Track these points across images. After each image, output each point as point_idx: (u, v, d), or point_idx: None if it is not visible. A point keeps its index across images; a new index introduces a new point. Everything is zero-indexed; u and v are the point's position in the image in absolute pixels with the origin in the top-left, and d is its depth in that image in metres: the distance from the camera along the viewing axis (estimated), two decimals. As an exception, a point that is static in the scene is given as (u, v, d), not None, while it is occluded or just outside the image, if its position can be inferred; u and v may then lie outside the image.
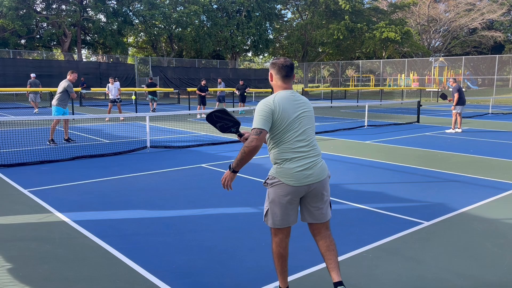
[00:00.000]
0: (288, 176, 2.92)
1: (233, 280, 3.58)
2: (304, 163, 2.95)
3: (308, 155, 2.98)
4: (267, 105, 2.92)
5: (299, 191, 2.97)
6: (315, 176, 2.98)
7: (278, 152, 2.96)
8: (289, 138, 2.94)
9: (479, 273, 3.73)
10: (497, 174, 7.51)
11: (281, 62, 3.04)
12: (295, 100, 3.00)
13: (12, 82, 28.93)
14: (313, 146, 3.03)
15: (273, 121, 2.91)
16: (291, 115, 2.94)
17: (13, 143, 10.50)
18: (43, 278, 3.60)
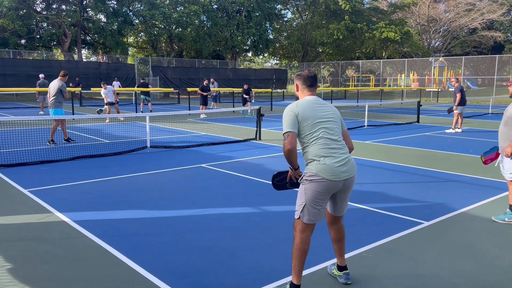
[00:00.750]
0: (329, 171, 3.12)
1: (233, 280, 3.58)
2: (340, 159, 3.18)
3: (340, 152, 3.21)
4: (291, 110, 3.21)
5: (336, 186, 3.19)
6: (349, 172, 3.23)
7: (314, 150, 3.17)
8: (321, 136, 3.17)
9: (479, 273, 3.73)
10: (497, 174, 7.51)
11: (306, 74, 3.38)
12: (319, 104, 3.28)
13: (12, 82, 28.94)
14: (343, 145, 3.28)
15: (299, 123, 3.17)
16: (318, 116, 3.21)
17: (13, 143, 10.50)
18: (43, 278, 3.60)
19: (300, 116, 3.16)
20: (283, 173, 3.41)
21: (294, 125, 3.14)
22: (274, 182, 3.45)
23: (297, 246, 3.21)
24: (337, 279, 3.54)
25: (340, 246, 3.51)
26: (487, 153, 5.34)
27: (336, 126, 3.27)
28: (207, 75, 37.93)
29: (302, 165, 3.22)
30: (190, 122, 16.63)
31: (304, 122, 3.16)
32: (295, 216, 3.26)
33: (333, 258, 3.97)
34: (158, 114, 14.39)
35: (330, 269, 3.65)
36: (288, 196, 6.07)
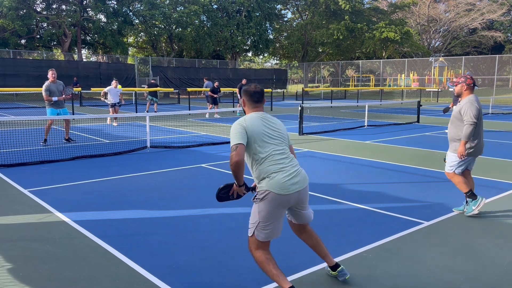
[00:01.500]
0: (280, 186, 3.07)
1: (233, 280, 3.58)
2: (290, 173, 3.14)
3: (290, 165, 3.18)
4: (239, 124, 3.18)
5: (289, 200, 3.13)
6: (300, 184, 3.17)
7: (264, 167, 3.13)
8: (269, 153, 3.14)
9: (479, 273, 3.73)
10: (497, 174, 7.51)
11: (252, 89, 3.32)
12: (266, 120, 3.26)
13: (12, 82, 28.94)
14: (292, 158, 3.26)
15: (248, 138, 3.12)
16: (265, 131, 3.19)
17: (13, 143, 10.50)
18: (43, 278, 3.60)
19: (249, 131, 3.14)
20: (229, 186, 3.30)
21: (243, 137, 3.10)
22: (218, 195, 3.32)
23: (261, 262, 3.18)
24: (337, 278, 3.55)
25: (320, 249, 3.49)
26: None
27: (283, 141, 3.27)
28: (207, 75, 37.92)
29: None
30: (190, 122, 16.63)
31: (252, 138, 3.13)
32: (249, 234, 3.21)
33: (333, 257, 3.96)
34: (158, 114, 14.38)
35: (327, 270, 3.66)
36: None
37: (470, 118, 4.99)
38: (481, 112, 5.13)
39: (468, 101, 5.10)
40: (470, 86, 5.18)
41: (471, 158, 5.23)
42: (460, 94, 5.25)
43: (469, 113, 5.02)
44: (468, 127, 5.00)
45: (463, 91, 5.21)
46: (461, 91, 5.22)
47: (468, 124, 5.01)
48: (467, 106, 5.05)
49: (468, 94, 5.19)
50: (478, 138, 5.13)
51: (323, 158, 9.02)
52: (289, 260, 3.95)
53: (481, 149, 5.23)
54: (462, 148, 5.04)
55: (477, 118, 5.01)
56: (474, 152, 5.14)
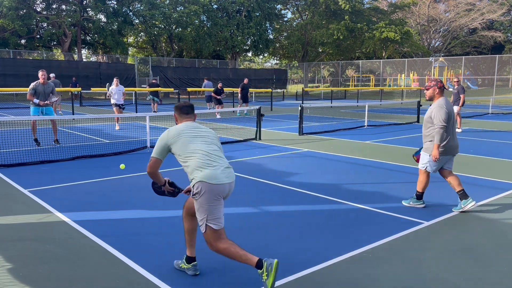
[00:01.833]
0: (212, 177, 3.32)
1: (233, 280, 3.58)
2: (219, 166, 3.43)
3: (219, 161, 3.48)
4: (163, 139, 3.51)
5: (224, 190, 3.38)
6: (230, 177, 3.46)
7: (194, 163, 3.38)
8: (199, 151, 3.42)
9: (479, 273, 3.73)
10: (497, 174, 7.52)
11: (181, 105, 3.77)
12: (195, 127, 3.59)
13: (12, 82, 28.93)
14: (222, 157, 3.56)
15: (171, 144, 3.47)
16: (195, 135, 3.51)
17: (13, 143, 10.49)
18: (43, 278, 3.60)
19: (173, 140, 3.46)
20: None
21: (162, 153, 3.48)
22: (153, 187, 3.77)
23: (226, 249, 3.35)
24: (186, 271, 3.66)
25: (193, 236, 3.71)
26: (417, 152, 5.77)
27: (213, 142, 3.55)
28: (207, 75, 37.91)
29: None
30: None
31: (176, 141, 3.44)
32: (202, 231, 3.37)
33: (333, 257, 3.98)
34: (158, 114, 14.33)
35: (177, 264, 3.77)
36: (288, 196, 6.07)
37: (440, 122, 5.21)
38: (451, 114, 5.33)
39: (438, 105, 5.32)
40: (441, 89, 5.40)
41: (444, 157, 5.40)
42: (432, 98, 5.46)
43: (438, 117, 5.24)
44: (439, 131, 5.22)
45: (435, 94, 5.42)
46: (433, 94, 5.43)
47: (438, 128, 5.23)
48: (437, 111, 5.27)
49: (439, 97, 5.41)
50: (448, 138, 5.33)
51: (323, 158, 9.02)
52: (289, 260, 3.95)
53: (453, 148, 5.40)
54: (436, 151, 5.27)
55: (446, 121, 5.22)
56: (445, 151, 5.33)
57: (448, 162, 5.51)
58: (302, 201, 5.83)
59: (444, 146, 5.30)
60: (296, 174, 7.49)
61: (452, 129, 5.40)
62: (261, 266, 3.31)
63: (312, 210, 5.43)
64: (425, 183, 5.52)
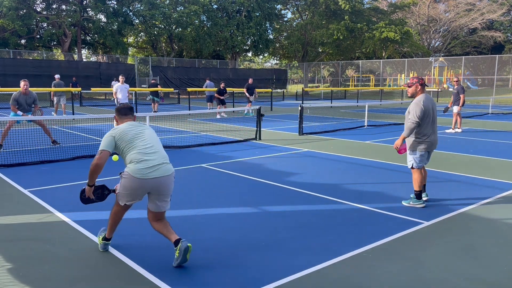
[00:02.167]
0: (137, 172, 3.77)
1: (233, 280, 3.58)
2: (150, 164, 3.81)
3: (152, 158, 3.85)
4: (109, 135, 3.93)
5: (145, 184, 3.79)
6: (159, 173, 3.82)
7: (130, 156, 3.86)
8: (135, 147, 3.87)
9: (479, 273, 3.73)
10: (497, 174, 7.52)
11: (120, 107, 4.23)
12: (134, 126, 4.04)
13: (12, 82, 28.92)
14: (157, 151, 3.92)
15: (117, 141, 3.90)
16: (133, 133, 3.94)
17: (13, 143, 10.49)
18: (43, 278, 3.60)
19: (116, 137, 3.90)
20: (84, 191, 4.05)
21: (110, 145, 3.87)
22: (81, 197, 4.08)
23: (113, 213, 4.06)
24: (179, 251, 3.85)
25: (168, 230, 3.93)
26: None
27: (150, 140, 3.95)
28: (207, 75, 37.93)
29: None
30: (190, 122, 16.63)
31: (120, 140, 3.89)
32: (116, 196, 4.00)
33: (333, 257, 3.98)
34: (158, 114, 14.39)
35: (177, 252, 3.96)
36: (288, 196, 6.07)
37: (413, 117, 5.43)
38: (429, 111, 5.49)
39: (415, 102, 5.51)
40: (423, 86, 5.58)
41: (426, 153, 5.62)
42: (414, 95, 5.61)
43: (413, 112, 5.45)
44: (410, 125, 5.46)
45: (417, 91, 5.58)
46: (415, 91, 5.58)
47: (410, 122, 5.45)
48: (413, 107, 5.48)
49: (421, 94, 5.57)
50: (429, 134, 5.52)
51: (323, 158, 9.02)
52: (289, 260, 3.95)
53: (433, 144, 5.62)
54: (400, 141, 5.61)
55: (420, 118, 5.40)
56: (427, 147, 5.55)
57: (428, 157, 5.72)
58: (302, 201, 5.83)
59: (426, 141, 5.52)
60: (296, 174, 7.49)
61: (433, 126, 5.56)
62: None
63: (312, 210, 5.43)
64: (420, 180, 5.59)
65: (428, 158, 5.75)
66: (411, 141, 5.61)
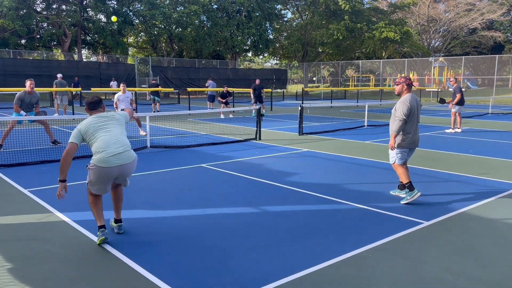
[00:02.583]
0: (102, 161, 4.14)
1: (233, 280, 3.58)
2: (114, 153, 4.18)
3: (115, 147, 4.20)
4: (77, 129, 4.27)
5: (111, 172, 4.19)
6: (123, 160, 4.22)
7: (95, 147, 4.20)
8: (100, 138, 4.22)
9: (479, 273, 3.73)
10: (497, 174, 7.52)
11: (89, 101, 4.51)
12: (100, 118, 4.37)
13: (12, 82, 28.94)
14: (119, 140, 4.28)
15: (83, 135, 4.26)
16: (98, 126, 4.28)
17: (13, 143, 10.49)
18: (43, 278, 3.60)
19: (82, 130, 4.25)
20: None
21: (77, 138, 4.23)
22: None
23: (90, 203, 4.39)
24: (114, 230, 4.58)
25: (117, 203, 4.58)
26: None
27: (113, 130, 4.30)
28: (207, 75, 37.97)
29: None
30: (190, 122, 16.63)
31: (86, 133, 4.25)
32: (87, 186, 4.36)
33: (333, 257, 3.98)
34: (158, 114, 14.39)
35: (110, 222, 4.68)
36: (288, 196, 6.07)
37: (400, 115, 5.61)
38: (414, 109, 5.69)
39: (401, 100, 5.71)
40: (409, 86, 5.78)
41: (408, 150, 5.81)
42: (401, 93, 5.81)
43: (400, 110, 5.63)
44: (398, 123, 5.64)
45: (403, 90, 5.78)
46: (401, 90, 5.79)
47: (398, 120, 5.64)
48: (400, 105, 5.68)
49: (407, 93, 5.77)
50: (412, 132, 5.71)
51: (323, 158, 9.02)
52: (289, 260, 3.95)
53: (415, 142, 5.80)
54: (392, 141, 5.74)
55: (406, 115, 5.59)
56: (409, 144, 5.74)
57: (409, 154, 5.91)
58: (302, 201, 5.83)
59: (409, 139, 5.71)
60: (296, 174, 7.49)
61: (416, 124, 5.76)
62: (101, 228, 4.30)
63: (312, 210, 5.43)
64: (405, 173, 5.75)
65: (409, 155, 5.93)
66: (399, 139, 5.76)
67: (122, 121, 4.53)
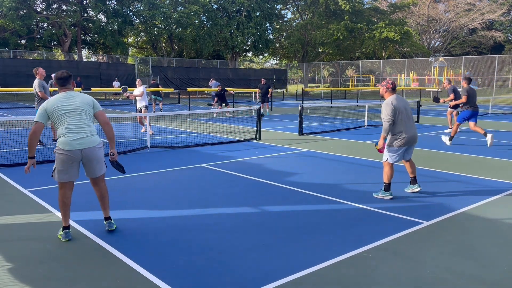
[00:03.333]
0: (66, 144, 4.28)
1: (233, 280, 3.58)
2: (77, 138, 4.30)
3: (79, 132, 4.33)
4: (42, 107, 4.33)
5: (75, 155, 4.31)
6: (85, 145, 4.34)
7: (60, 131, 4.32)
8: (64, 121, 4.31)
9: (479, 273, 3.74)
10: (497, 174, 7.52)
11: (58, 75, 4.47)
12: (67, 98, 4.38)
13: (13, 82, 28.94)
14: (84, 126, 4.37)
15: (49, 114, 4.32)
16: (64, 107, 4.32)
17: (13, 143, 10.50)
18: (43, 278, 3.60)
19: (48, 110, 4.31)
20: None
21: (43, 117, 4.30)
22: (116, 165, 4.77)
23: (59, 199, 4.43)
24: (105, 227, 4.66)
25: (103, 202, 4.65)
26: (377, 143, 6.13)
27: (79, 113, 4.36)
28: (207, 75, 37.98)
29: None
30: (190, 122, 16.63)
31: (52, 114, 4.31)
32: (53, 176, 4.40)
33: (333, 257, 3.99)
34: (158, 114, 14.38)
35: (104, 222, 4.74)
36: (288, 196, 6.07)
37: (385, 116, 5.84)
38: (399, 109, 5.82)
39: (385, 103, 5.90)
40: (389, 89, 5.98)
41: (404, 148, 5.91)
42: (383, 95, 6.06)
43: (384, 112, 5.86)
44: (385, 124, 5.84)
45: (384, 93, 6.04)
46: (383, 93, 6.05)
47: (384, 121, 5.85)
48: (383, 107, 5.89)
49: (390, 95, 5.97)
50: (404, 131, 5.84)
51: (323, 158, 9.02)
52: (289, 260, 3.95)
53: (411, 139, 5.91)
54: (381, 141, 5.95)
55: (392, 115, 5.77)
56: (404, 143, 5.85)
57: (407, 152, 6.04)
58: (302, 201, 5.83)
59: (402, 138, 5.83)
60: (296, 174, 7.49)
61: (408, 122, 5.90)
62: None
63: (312, 210, 5.43)
64: (390, 174, 5.93)
65: (409, 153, 6.08)
66: (389, 138, 5.95)
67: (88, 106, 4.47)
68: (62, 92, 4.44)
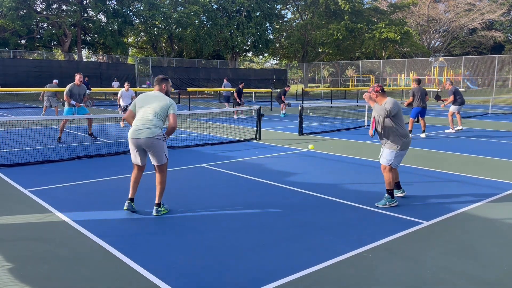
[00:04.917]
0: (131, 133, 5.10)
1: (233, 280, 3.58)
2: (140, 128, 5.05)
3: (142, 123, 5.06)
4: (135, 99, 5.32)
5: (138, 142, 5.07)
6: (143, 135, 5.02)
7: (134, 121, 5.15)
8: (137, 116, 5.17)
9: (479, 273, 3.74)
10: (497, 174, 7.52)
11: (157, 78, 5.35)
12: (153, 96, 5.22)
13: (12, 82, 28.94)
14: (148, 120, 5.07)
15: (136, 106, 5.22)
16: (144, 103, 5.18)
17: (13, 143, 10.50)
18: (43, 278, 3.60)
19: (137, 102, 5.22)
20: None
21: (133, 107, 5.23)
22: None
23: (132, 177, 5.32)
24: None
25: (157, 188, 5.24)
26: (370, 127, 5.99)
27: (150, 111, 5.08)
28: (207, 75, 38.02)
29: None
30: (190, 122, 16.63)
31: (134, 106, 5.23)
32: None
33: (333, 257, 3.99)
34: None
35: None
36: (288, 196, 6.07)
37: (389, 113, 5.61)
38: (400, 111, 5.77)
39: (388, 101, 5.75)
40: (379, 92, 5.82)
41: (404, 151, 5.76)
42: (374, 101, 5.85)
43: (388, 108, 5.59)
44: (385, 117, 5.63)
45: (376, 98, 5.84)
46: (374, 98, 5.86)
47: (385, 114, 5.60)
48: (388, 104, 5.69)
49: (383, 99, 5.79)
50: (407, 133, 5.73)
51: (323, 158, 9.03)
52: (289, 260, 3.95)
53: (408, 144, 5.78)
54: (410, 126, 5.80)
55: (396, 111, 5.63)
56: (406, 146, 5.71)
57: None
58: (302, 201, 5.83)
59: (409, 140, 5.72)
60: (296, 174, 7.50)
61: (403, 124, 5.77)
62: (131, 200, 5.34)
63: (312, 210, 5.43)
64: (393, 178, 5.74)
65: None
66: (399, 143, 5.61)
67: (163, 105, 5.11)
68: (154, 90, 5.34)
